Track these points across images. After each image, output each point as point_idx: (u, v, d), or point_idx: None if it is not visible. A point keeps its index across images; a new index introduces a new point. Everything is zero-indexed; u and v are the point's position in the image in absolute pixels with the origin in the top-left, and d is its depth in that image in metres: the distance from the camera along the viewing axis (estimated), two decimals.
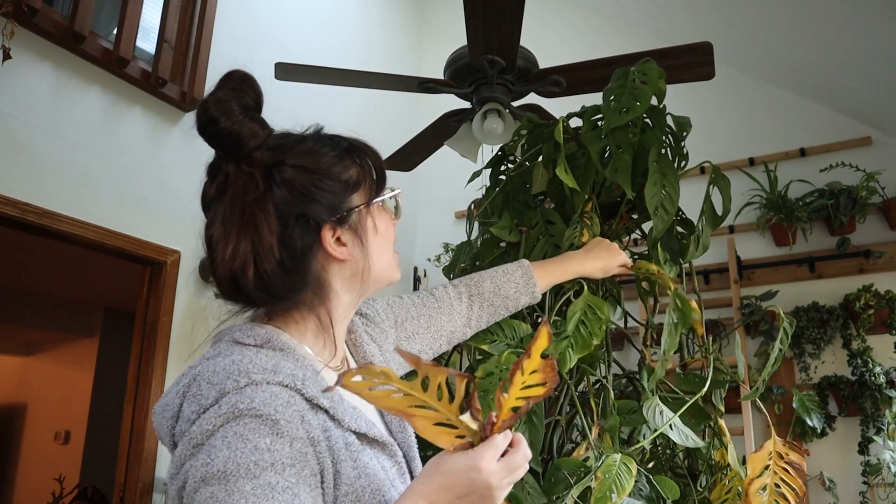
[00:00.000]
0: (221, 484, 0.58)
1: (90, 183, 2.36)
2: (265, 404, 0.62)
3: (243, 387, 0.63)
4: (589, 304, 1.16)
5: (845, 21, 2.75)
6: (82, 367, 4.81)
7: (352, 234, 0.76)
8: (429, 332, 1.01)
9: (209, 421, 0.61)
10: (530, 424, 1.11)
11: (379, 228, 0.79)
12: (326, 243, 0.73)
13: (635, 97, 1.18)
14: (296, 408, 0.64)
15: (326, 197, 0.73)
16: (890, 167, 3.09)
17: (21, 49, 2.16)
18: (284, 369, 0.66)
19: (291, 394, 0.65)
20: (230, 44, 2.97)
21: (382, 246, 0.80)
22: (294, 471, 0.61)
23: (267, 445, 0.60)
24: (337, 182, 0.75)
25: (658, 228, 1.18)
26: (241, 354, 0.67)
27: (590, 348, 1.11)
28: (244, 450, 0.59)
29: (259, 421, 0.61)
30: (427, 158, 2.86)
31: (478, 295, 1.08)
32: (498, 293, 1.09)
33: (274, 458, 0.60)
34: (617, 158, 1.20)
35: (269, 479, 0.59)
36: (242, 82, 0.74)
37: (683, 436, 1.13)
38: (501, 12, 1.96)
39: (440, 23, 4.62)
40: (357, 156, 0.78)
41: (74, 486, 4.00)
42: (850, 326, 2.98)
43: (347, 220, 0.75)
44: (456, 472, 0.60)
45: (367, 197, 0.77)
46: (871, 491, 2.75)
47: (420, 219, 4.30)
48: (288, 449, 0.61)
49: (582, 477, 1.04)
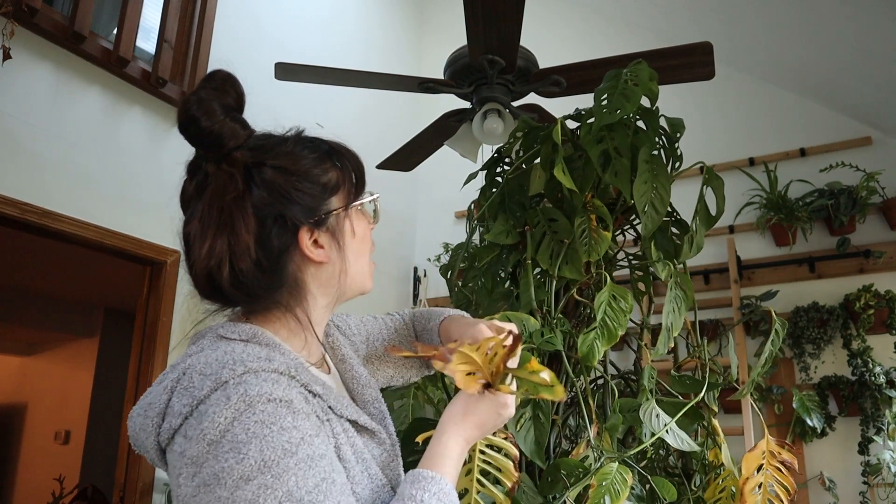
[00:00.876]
0: (265, 473, 0.58)
1: (90, 183, 2.37)
2: (273, 388, 0.62)
3: (241, 374, 0.62)
4: (613, 294, 1.17)
5: (845, 21, 2.75)
6: (82, 367, 4.81)
7: (329, 236, 0.76)
8: (397, 362, 1.01)
9: (220, 413, 0.60)
10: (536, 422, 1.12)
11: (357, 232, 0.79)
12: (303, 245, 0.74)
13: (626, 97, 1.19)
14: (298, 390, 0.66)
15: (305, 199, 0.74)
16: (890, 167, 3.09)
17: (21, 49, 2.17)
18: (277, 358, 0.67)
19: (289, 380, 0.66)
20: (230, 44, 2.97)
21: (359, 250, 0.80)
22: (320, 440, 0.64)
23: (291, 423, 0.61)
24: (316, 185, 0.75)
25: (647, 227, 1.19)
26: (230, 347, 0.67)
27: (616, 339, 1.13)
28: (272, 434, 0.60)
29: (274, 404, 0.61)
30: (427, 158, 2.86)
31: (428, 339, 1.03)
32: (426, 329, 1.03)
33: (302, 433, 0.61)
34: (616, 162, 1.21)
35: (307, 451, 0.61)
36: (224, 82, 0.75)
37: (679, 439, 1.13)
38: (501, 12, 1.96)
39: (440, 23, 4.62)
40: (337, 159, 0.79)
41: (74, 486, 4.00)
42: (850, 326, 2.98)
43: (325, 222, 0.75)
44: (488, 410, 0.72)
45: (345, 200, 0.78)
46: (871, 491, 2.75)
47: (420, 219, 4.30)
48: (308, 423, 0.63)
49: (581, 477, 1.05)
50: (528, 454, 1.10)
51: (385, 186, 4.03)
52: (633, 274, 1.40)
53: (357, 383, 0.85)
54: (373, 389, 0.85)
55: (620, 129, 1.23)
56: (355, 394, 0.84)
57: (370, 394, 0.84)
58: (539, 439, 1.10)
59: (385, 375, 1.01)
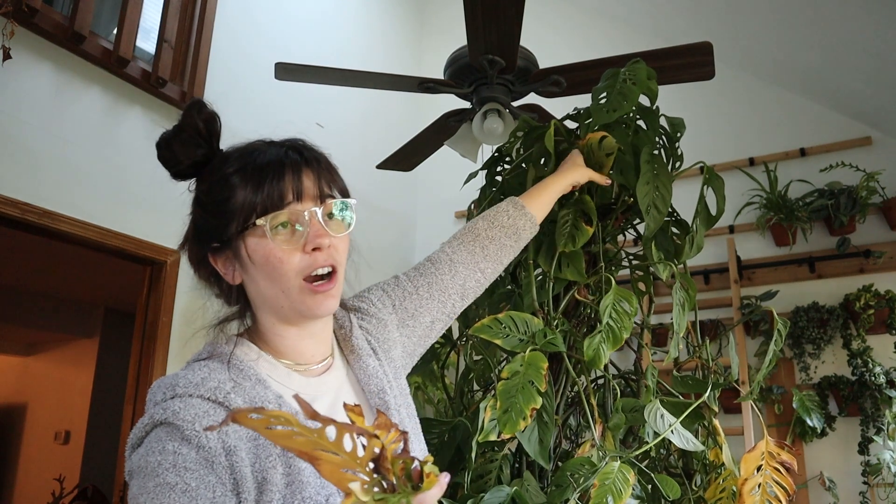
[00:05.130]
0: (136, 478, 0.65)
1: (90, 183, 2.37)
2: (176, 414, 0.67)
3: (168, 399, 0.69)
4: (618, 296, 1.16)
5: (846, 21, 2.75)
6: (82, 367, 4.81)
7: (235, 260, 0.78)
8: (433, 299, 0.98)
9: (139, 428, 0.69)
10: (540, 422, 1.11)
11: (255, 258, 0.75)
12: (215, 265, 0.79)
13: (624, 96, 1.19)
14: (214, 418, 0.68)
15: (207, 225, 0.78)
16: (890, 167, 3.09)
17: (21, 49, 2.17)
18: (210, 383, 0.71)
19: (212, 405, 0.69)
20: (230, 44, 2.97)
21: (269, 274, 0.75)
22: (196, 475, 0.64)
23: (173, 449, 0.65)
24: (220, 211, 0.76)
25: (650, 228, 1.18)
26: (188, 370, 0.73)
27: (621, 342, 1.12)
28: (154, 451, 0.65)
29: (170, 428, 0.67)
30: (427, 158, 2.86)
31: (474, 237, 1.05)
32: (493, 225, 1.07)
33: (177, 460, 0.65)
34: (620, 160, 1.21)
35: (169, 478, 0.63)
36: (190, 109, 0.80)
37: (684, 439, 1.13)
38: (501, 12, 1.96)
39: (440, 23, 4.62)
40: (244, 180, 0.75)
41: (74, 486, 4.00)
42: (850, 326, 2.98)
43: (226, 247, 0.77)
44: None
45: (238, 226, 0.75)
46: (871, 491, 2.75)
47: (420, 219, 4.30)
48: (193, 455, 0.65)
49: (588, 476, 1.04)
50: (531, 454, 1.10)
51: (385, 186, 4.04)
52: (633, 274, 1.40)
53: (364, 373, 0.85)
54: (378, 380, 0.85)
55: (619, 129, 1.23)
56: (363, 384, 0.85)
57: (375, 384, 0.84)
58: (543, 439, 1.10)
59: (423, 327, 0.98)
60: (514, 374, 1.09)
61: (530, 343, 1.14)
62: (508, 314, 1.16)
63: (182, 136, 0.78)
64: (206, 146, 0.79)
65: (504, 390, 1.07)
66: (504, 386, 1.08)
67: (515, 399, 1.05)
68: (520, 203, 1.11)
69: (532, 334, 1.15)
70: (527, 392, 1.06)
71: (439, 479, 0.48)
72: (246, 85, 3.02)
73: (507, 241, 1.08)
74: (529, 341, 1.14)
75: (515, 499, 1.06)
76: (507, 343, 1.13)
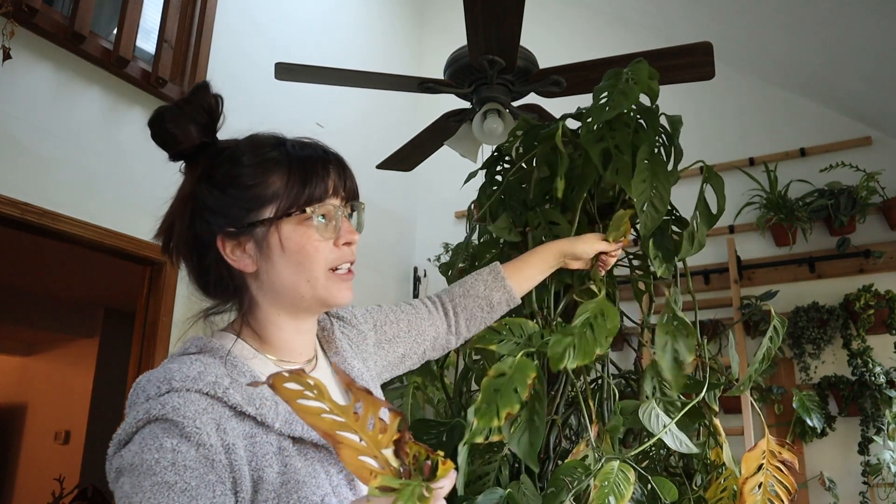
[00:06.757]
0: (128, 476, 0.63)
1: (90, 183, 2.37)
2: (175, 410, 0.65)
3: (163, 394, 0.67)
4: (602, 309, 1.14)
5: (846, 21, 2.74)
6: (82, 367, 4.81)
7: (255, 246, 0.77)
8: (410, 336, 1.02)
9: (130, 424, 0.66)
10: (531, 425, 1.11)
11: (289, 246, 0.76)
12: (223, 252, 0.77)
13: (625, 95, 1.18)
14: (211, 415, 0.67)
15: (227, 208, 0.76)
16: (890, 167, 3.09)
17: (21, 49, 2.17)
18: (208, 377, 0.69)
19: (210, 401, 0.68)
20: (230, 44, 2.97)
21: (297, 262, 0.76)
22: (195, 474, 0.63)
23: (172, 446, 0.63)
24: (243, 195, 0.76)
25: (647, 226, 1.18)
26: (177, 363, 0.70)
27: (591, 357, 1.08)
28: (150, 448, 0.63)
29: (168, 424, 0.64)
30: (427, 158, 2.86)
31: (450, 301, 1.10)
32: (468, 294, 1.10)
33: (176, 458, 0.63)
34: (617, 160, 1.20)
35: (167, 477, 0.61)
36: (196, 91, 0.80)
37: (678, 441, 1.13)
38: (501, 12, 1.96)
39: (440, 23, 4.62)
40: (289, 168, 0.77)
41: (74, 486, 4.01)
42: (850, 326, 2.98)
43: (248, 232, 0.76)
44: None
45: (278, 212, 0.76)
46: (871, 491, 2.75)
47: (420, 219, 4.30)
48: (193, 452, 0.64)
49: (583, 479, 1.04)
50: (521, 457, 1.10)
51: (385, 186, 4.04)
52: (633, 273, 1.40)
53: (350, 373, 0.86)
54: (363, 381, 0.86)
55: (621, 128, 1.23)
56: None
57: (361, 384, 0.85)
58: (533, 442, 1.09)
59: (395, 356, 1.01)
60: (501, 374, 1.09)
61: (525, 346, 1.14)
62: (505, 322, 1.17)
63: (188, 108, 0.78)
64: (210, 125, 0.79)
65: (487, 386, 1.08)
66: (488, 383, 1.08)
67: (494, 399, 1.06)
68: (500, 274, 1.12)
69: (529, 336, 1.15)
70: (508, 396, 1.06)
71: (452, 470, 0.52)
72: (246, 85, 3.02)
73: (479, 312, 1.11)
74: (525, 344, 1.14)
75: (509, 501, 1.06)
76: (503, 348, 1.14)
